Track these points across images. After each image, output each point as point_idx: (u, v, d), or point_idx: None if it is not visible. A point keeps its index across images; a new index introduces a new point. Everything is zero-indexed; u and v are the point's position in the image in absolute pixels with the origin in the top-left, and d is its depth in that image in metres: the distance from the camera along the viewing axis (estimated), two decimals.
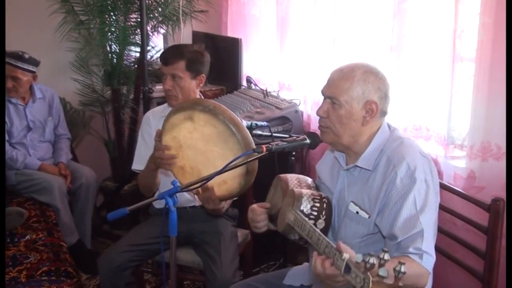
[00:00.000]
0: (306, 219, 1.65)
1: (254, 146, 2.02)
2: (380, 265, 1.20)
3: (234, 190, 2.16)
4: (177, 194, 1.84)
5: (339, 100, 1.75)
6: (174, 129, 2.19)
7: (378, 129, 1.81)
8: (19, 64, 3.27)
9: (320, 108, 1.81)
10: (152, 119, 2.62)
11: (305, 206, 1.73)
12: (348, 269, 1.27)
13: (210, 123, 2.07)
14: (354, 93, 1.74)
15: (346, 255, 1.29)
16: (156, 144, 2.27)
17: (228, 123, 2.03)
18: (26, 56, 3.30)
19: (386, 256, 1.21)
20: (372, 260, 1.20)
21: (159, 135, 2.25)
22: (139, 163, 2.60)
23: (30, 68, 3.32)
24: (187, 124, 2.14)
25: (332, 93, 1.77)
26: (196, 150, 2.16)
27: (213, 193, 2.17)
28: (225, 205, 2.45)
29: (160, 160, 2.25)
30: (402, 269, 1.19)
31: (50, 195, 3.21)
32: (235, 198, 2.36)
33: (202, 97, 2.60)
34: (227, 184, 2.14)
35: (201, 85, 2.55)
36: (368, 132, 1.80)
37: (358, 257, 1.24)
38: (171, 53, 2.50)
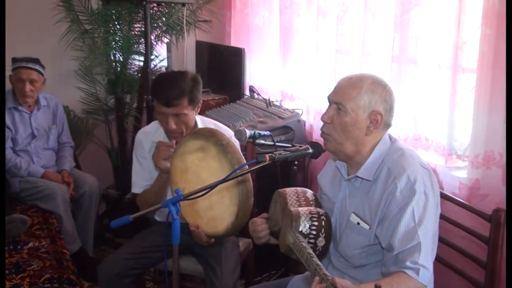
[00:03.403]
0: (305, 243, 1.66)
1: (251, 196, 2.05)
2: None
3: (220, 231, 2.12)
4: None
5: (345, 107, 1.76)
6: (186, 154, 2.18)
7: (379, 140, 1.82)
8: (37, 67, 3.34)
9: (325, 114, 1.82)
10: (145, 142, 2.53)
11: (304, 226, 1.74)
12: None
13: (218, 158, 2.06)
14: (361, 102, 1.75)
15: None
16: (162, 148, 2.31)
17: (235, 165, 2.01)
18: (39, 60, 3.38)
19: None
20: None
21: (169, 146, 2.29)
22: (138, 187, 2.54)
23: (42, 71, 3.38)
24: (199, 153, 2.13)
25: (339, 99, 1.78)
26: (199, 179, 2.13)
27: (202, 236, 2.18)
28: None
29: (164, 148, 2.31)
30: None
31: (53, 203, 3.23)
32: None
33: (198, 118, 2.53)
34: (215, 221, 2.13)
35: (198, 110, 2.46)
36: (370, 143, 1.81)
37: None
38: (173, 94, 2.29)
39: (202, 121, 2.50)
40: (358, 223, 1.79)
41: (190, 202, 1.99)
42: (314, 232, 1.74)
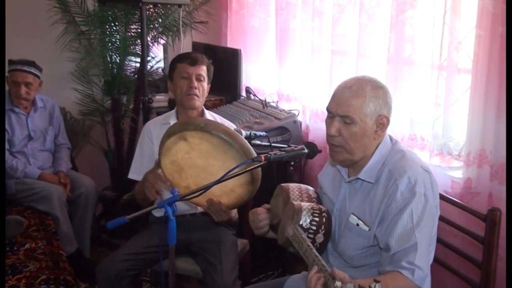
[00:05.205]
0: (304, 236, 1.66)
1: (254, 152, 2.03)
2: None
3: (244, 196, 2.18)
4: (178, 203, 1.85)
5: (353, 118, 1.74)
6: (171, 152, 2.17)
7: (381, 141, 1.82)
8: (32, 70, 3.33)
9: (332, 127, 1.78)
10: (153, 129, 2.64)
11: (305, 221, 1.75)
12: None
13: (205, 140, 2.07)
14: (367, 110, 1.74)
15: (338, 283, 1.34)
16: (158, 176, 2.29)
17: (223, 136, 2.03)
18: (35, 62, 3.37)
19: (377, 287, 1.24)
20: None
21: (159, 164, 2.26)
22: (135, 173, 2.64)
23: (38, 74, 3.38)
24: (182, 145, 2.13)
25: (345, 111, 1.75)
26: (198, 167, 2.15)
27: (220, 205, 2.20)
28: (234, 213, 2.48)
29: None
30: None
31: (49, 204, 3.22)
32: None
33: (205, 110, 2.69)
34: (235, 192, 2.16)
35: (208, 90, 2.66)
36: (375, 145, 1.81)
37: (350, 286, 1.28)
38: (197, 55, 2.62)
39: (209, 113, 2.70)
40: (357, 224, 1.80)
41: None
42: (314, 228, 1.75)
